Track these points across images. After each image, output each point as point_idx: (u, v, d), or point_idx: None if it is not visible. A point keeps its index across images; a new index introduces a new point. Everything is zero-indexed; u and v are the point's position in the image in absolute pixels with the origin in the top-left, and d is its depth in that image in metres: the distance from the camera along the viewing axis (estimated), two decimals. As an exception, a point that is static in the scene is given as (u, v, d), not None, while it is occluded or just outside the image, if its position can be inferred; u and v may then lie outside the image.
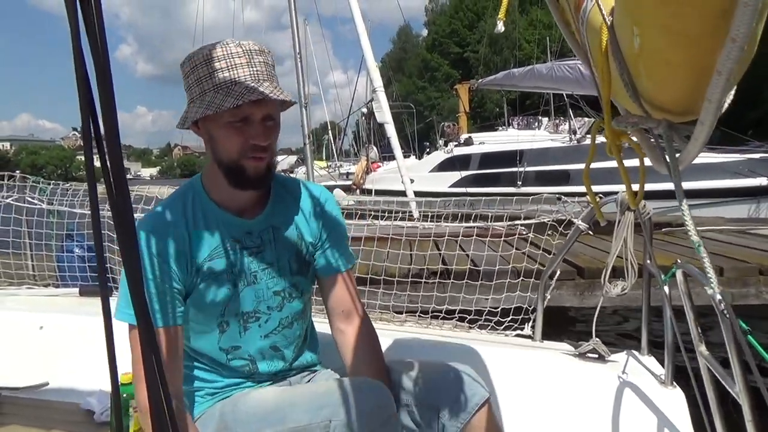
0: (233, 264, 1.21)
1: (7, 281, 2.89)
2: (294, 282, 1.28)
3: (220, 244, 1.20)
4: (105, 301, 0.62)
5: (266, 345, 1.28)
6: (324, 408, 1.11)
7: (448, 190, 11.69)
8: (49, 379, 1.89)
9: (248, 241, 1.23)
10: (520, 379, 1.71)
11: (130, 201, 0.61)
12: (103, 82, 0.57)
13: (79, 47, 0.55)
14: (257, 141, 1.13)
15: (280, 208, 1.29)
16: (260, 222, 1.25)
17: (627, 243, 1.72)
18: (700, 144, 0.64)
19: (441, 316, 2.52)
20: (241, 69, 1.10)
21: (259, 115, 1.12)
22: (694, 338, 1.31)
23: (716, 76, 0.52)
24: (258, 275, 1.24)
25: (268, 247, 1.25)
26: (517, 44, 30.06)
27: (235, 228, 1.22)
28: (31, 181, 3.38)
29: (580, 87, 11.38)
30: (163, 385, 0.63)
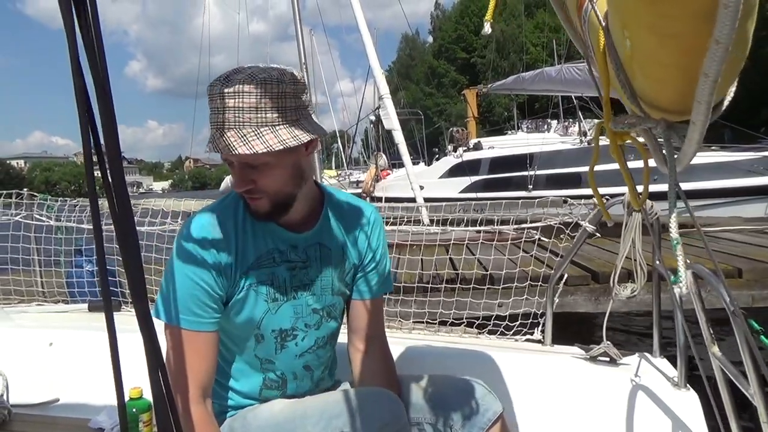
0: (275, 276, 1.17)
1: (18, 298, 2.92)
2: (334, 302, 1.26)
3: (265, 254, 1.16)
4: (109, 316, 0.62)
5: (300, 364, 1.25)
6: (335, 419, 1.10)
7: (458, 196, 11.66)
8: (59, 396, 1.90)
9: (293, 255, 1.19)
10: (531, 384, 1.70)
11: (132, 214, 0.62)
12: (103, 98, 0.57)
13: (77, 62, 0.55)
14: (235, 187, 1.10)
15: (330, 226, 1.24)
16: (308, 238, 1.21)
17: (635, 245, 1.70)
18: (695, 144, 0.63)
19: (450, 322, 2.50)
20: (213, 115, 1.04)
21: (235, 162, 1.08)
22: (706, 339, 1.28)
23: (703, 78, 0.51)
24: (299, 291, 1.20)
25: (314, 264, 1.21)
26: (524, 48, 30.04)
27: (282, 240, 1.18)
28: (38, 199, 3.42)
29: (590, 89, 11.26)
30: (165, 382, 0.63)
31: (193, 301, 1.09)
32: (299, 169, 1.12)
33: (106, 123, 0.57)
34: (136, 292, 0.63)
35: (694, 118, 0.58)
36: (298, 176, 1.12)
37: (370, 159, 17.51)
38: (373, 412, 1.09)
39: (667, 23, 0.52)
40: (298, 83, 1.06)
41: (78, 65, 0.55)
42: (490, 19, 0.85)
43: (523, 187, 11.07)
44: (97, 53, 0.56)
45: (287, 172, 1.10)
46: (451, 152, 14.39)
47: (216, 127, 1.03)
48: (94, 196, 0.62)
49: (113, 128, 0.58)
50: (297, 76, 1.07)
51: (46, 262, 3.17)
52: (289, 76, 1.05)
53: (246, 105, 1.01)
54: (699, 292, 1.40)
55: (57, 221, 3.19)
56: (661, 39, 0.55)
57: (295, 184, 1.12)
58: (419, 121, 22.73)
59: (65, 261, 3.24)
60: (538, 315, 2.10)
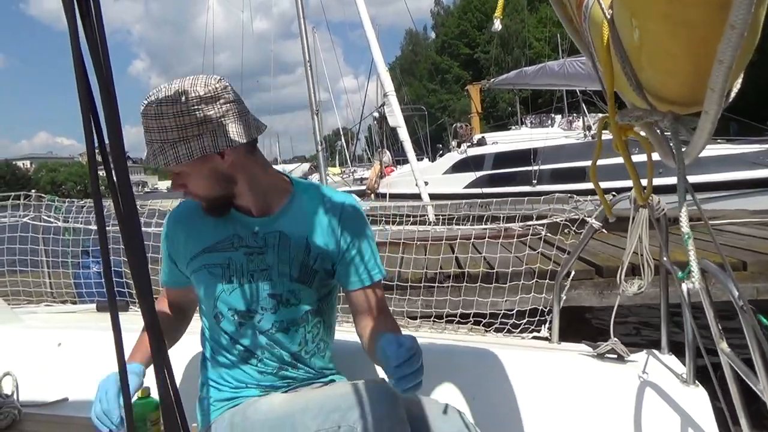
0: (231, 260, 1.27)
1: (26, 299, 2.94)
2: (292, 288, 1.28)
3: (224, 239, 1.28)
4: (114, 316, 0.63)
5: (263, 341, 1.30)
6: (333, 413, 1.11)
7: (462, 191, 11.65)
8: (69, 395, 1.91)
9: (251, 240, 1.28)
10: (538, 382, 1.69)
11: (137, 213, 0.62)
12: (108, 98, 0.57)
13: (81, 61, 0.55)
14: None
15: (293, 215, 1.29)
16: (267, 224, 1.28)
17: (642, 240, 1.69)
18: (706, 134, 0.62)
19: (456, 321, 2.50)
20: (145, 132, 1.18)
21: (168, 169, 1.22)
22: (715, 335, 1.28)
23: (717, 65, 0.50)
24: (255, 275, 1.27)
25: (270, 251, 1.27)
26: (527, 43, 29.92)
27: (242, 225, 1.28)
28: (46, 200, 3.44)
29: (593, 82, 11.23)
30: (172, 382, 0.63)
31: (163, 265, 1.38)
32: (221, 174, 1.21)
33: (110, 123, 0.57)
34: (142, 293, 0.63)
35: (706, 107, 0.57)
36: (223, 180, 1.22)
37: (373, 156, 17.50)
38: (371, 406, 1.10)
39: (681, 10, 0.52)
40: (204, 98, 1.13)
41: (82, 65, 0.55)
42: (500, 15, 0.85)
43: (528, 182, 11.04)
44: (101, 54, 0.56)
45: (208, 179, 1.21)
46: (455, 148, 14.37)
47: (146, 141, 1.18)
48: (98, 196, 0.62)
49: (117, 128, 0.58)
50: (202, 91, 1.13)
51: (54, 263, 3.20)
52: (192, 92, 1.13)
53: (153, 126, 1.14)
54: (707, 288, 1.39)
55: (64, 222, 3.21)
56: (674, 27, 0.55)
57: (222, 187, 1.23)
58: (423, 118, 22.70)
59: (73, 262, 3.26)
60: (545, 312, 2.10)
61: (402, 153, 10.70)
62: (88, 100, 0.57)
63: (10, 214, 3.15)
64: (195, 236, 1.30)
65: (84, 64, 0.55)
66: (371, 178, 13.59)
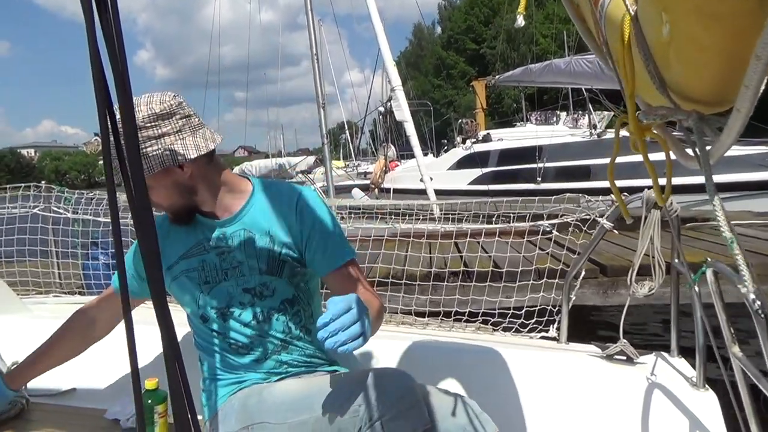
0: (206, 262, 1.34)
1: (35, 289, 2.96)
2: (263, 281, 1.33)
3: (195, 244, 1.34)
4: (126, 307, 0.62)
5: (249, 332, 1.34)
6: (352, 394, 1.12)
7: (467, 188, 11.64)
8: (77, 386, 1.91)
9: (221, 241, 1.34)
10: (546, 383, 1.69)
11: (150, 204, 0.62)
12: (123, 91, 0.57)
13: (97, 54, 0.55)
14: None
15: (254, 212, 1.35)
16: (231, 223, 1.34)
17: (654, 242, 1.69)
18: (735, 134, 0.61)
19: (464, 319, 2.50)
20: None
21: None
22: (727, 339, 1.27)
23: (755, 61, 0.49)
24: (228, 273, 1.33)
25: (239, 248, 1.33)
26: (534, 39, 29.80)
27: (208, 229, 1.34)
28: (56, 191, 3.45)
29: (600, 81, 11.21)
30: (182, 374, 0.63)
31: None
32: (183, 186, 1.28)
33: (125, 113, 0.57)
34: (154, 285, 0.63)
35: (739, 104, 0.56)
36: (185, 191, 1.29)
37: (378, 150, 17.45)
38: (388, 386, 1.11)
39: (716, 3, 0.50)
40: (160, 115, 1.21)
41: (98, 57, 0.55)
42: (523, 11, 0.84)
43: (532, 180, 11.02)
44: (117, 46, 0.56)
45: (170, 191, 1.28)
46: (460, 144, 14.34)
47: None
48: (111, 186, 0.61)
49: (131, 118, 0.59)
50: (158, 108, 1.21)
51: (63, 254, 3.22)
52: (147, 110, 1.20)
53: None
54: (720, 291, 1.38)
55: (74, 214, 3.23)
56: (707, 21, 0.53)
57: (184, 198, 1.30)
58: (428, 113, 22.64)
59: (81, 252, 3.28)
60: (554, 312, 2.09)
61: (406, 148, 10.68)
62: (104, 94, 0.57)
63: (20, 205, 3.18)
64: (169, 247, 1.35)
65: (99, 56, 0.55)
66: (376, 172, 13.55)
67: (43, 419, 1.65)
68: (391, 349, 1.77)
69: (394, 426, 1.07)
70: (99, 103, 0.58)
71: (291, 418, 1.16)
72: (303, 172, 13.77)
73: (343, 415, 1.11)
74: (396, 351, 1.77)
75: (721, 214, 0.66)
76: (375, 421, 1.08)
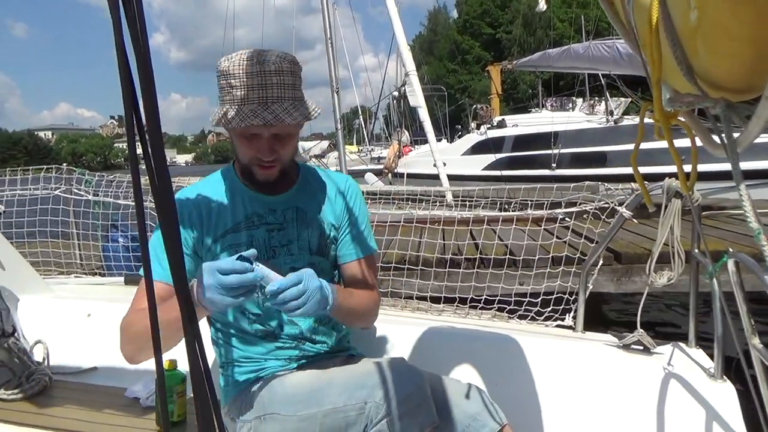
0: (254, 238, 1.29)
1: (57, 270, 3.02)
2: (312, 261, 1.33)
3: (244, 218, 1.30)
4: (150, 290, 0.63)
5: (284, 317, 1.33)
6: (360, 390, 1.13)
7: (481, 173, 11.56)
8: (97, 365, 1.95)
9: (271, 217, 1.31)
10: (562, 371, 1.69)
11: (171, 187, 0.62)
12: (146, 76, 0.57)
13: (122, 41, 0.56)
14: (262, 156, 1.22)
15: (306, 191, 1.37)
16: (285, 200, 1.33)
17: (674, 231, 1.67)
18: (764, 122, 0.59)
19: (480, 306, 2.50)
20: (252, 91, 1.15)
21: (266, 133, 1.20)
22: (747, 330, 1.26)
23: None
24: (277, 251, 1.31)
25: (290, 225, 1.33)
26: (551, 23, 29.37)
27: (259, 204, 1.31)
28: (77, 173, 3.49)
29: (618, 66, 11.06)
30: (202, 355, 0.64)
31: (161, 256, 1.17)
32: (295, 147, 1.30)
33: (147, 98, 0.58)
34: (175, 266, 0.63)
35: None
36: (297, 147, 1.31)
37: (391, 135, 17.40)
38: (397, 384, 1.12)
39: None
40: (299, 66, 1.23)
41: (122, 42, 0.56)
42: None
43: (547, 166, 10.93)
44: (140, 30, 0.56)
45: (296, 143, 1.30)
46: (474, 129, 14.23)
47: (257, 101, 1.15)
48: (136, 170, 0.62)
49: (154, 102, 0.59)
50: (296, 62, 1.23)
51: (84, 236, 3.27)
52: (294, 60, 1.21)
53: (287, 82, 1.17)
54: (741, 282, 1.37)
55: (94, 196, 3.27)
56: (736, 7, 0.52)
57: (295, 154, 1.33)
58: (442, 98, 22.47)
59: (102, 235, 3.33)
60: (570, 300, 2.08)
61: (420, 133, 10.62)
62: (128, 78, 0.58)
63: (42, 186, 3.23)
64: (214, 220, 1.29)
65: (123, 41, 0.56)
66: (389, 157, 13.51)
67: (66, 396, 1.69)
68: (406, 335, 1.77)
69: (401, 425, 1.08)
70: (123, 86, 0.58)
71: (300, 411, 1.17)
72: (316, 156, 13.76)
73: (351, 412, 1.12)
74: (411, 337, 1.78)
75: (748, 204, 0.65)
76: (382, 419, 1.09)
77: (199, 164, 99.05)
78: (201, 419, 0.65)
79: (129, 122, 0.60)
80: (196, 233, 1.28)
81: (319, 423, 1.15)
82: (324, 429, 1.15)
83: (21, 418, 1.53)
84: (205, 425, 0.65)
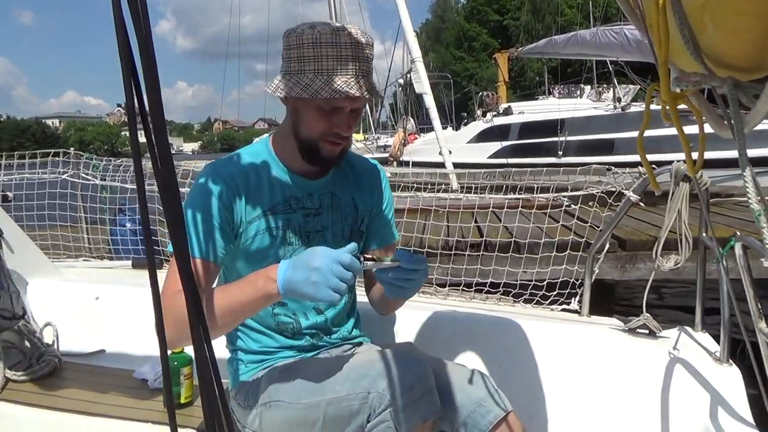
0: (290, 222, 1.26)
1: (65, 253, 3.05)
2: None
3: (282, 201, 1.26)
4: (153, 274, 0.63)
5: (309, 305, 1.32)
6: (363, 379, 1.13)
7: (487, 161, 11.53)
8: (106, 347, 1.98)
9: (308, 202, 1.29)
10: (568, 355, 1.69)
11: (174, 172, 0.62)
12: (148, 62, 0.57)
13: (123, 25, 0.55)
14: (340, 130, 1.19)
15: (341, 177, 1.35)
16: (322, 186, 1.31)
17: (681, 215, 1.66)
18: None
19: (485, 290, 2.50)
20: (346, 62, 1.13)
21: (349, 107, 1.17)
22: (754, 315, 1.25)
23: None
24: (311, 236, 1.28)
25: (326, 211, 1.31)
26: (559, 10, 29.07)
27: (297, 188, 1.28)
28: (84, 158, 3.52)
29: (626, 53, 10.95)
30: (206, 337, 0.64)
31: (200, 231, 1.15)
32: None
33: (150, 84, 0.58)
34: (179, 250, 0.64)
35: None
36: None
37: (397, 123, 17.34)
38: (401, 374, 1.11)
39: None
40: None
41: (123, 25, 0.55)
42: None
43: (554, 153, 10.89)
44: (141, 13, 0.56)
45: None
46: (480, 117, 14.17)
47: (351, 72, 1.13)
48: (137, 157, 0.62)
49: (157, 89, 0.59)
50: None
51: (92, 220, 3.30)
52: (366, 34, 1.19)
53: (371, 56, 1.18)
54: (748, 266, 1.36)
55: (102, 181, 3.30)
56: None
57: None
58: (448, 85, 22.35)
59: (110, 218, 3.36)
60: (576, 285, 2.08)
61: (426, 121, 10.57)
62: (129, 60, 0.58)
63: (50, 171, 3.26)
64: (254, 199, 1.24)
65: (125, 24, 0.56)
66: (394, 145, 13.47)
67: (75, 377, 1.71)
68: (412, 319, 1.78)
69: (404, 415, 1.07)
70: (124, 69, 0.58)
71: (304, 399, 1.17)
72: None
73: (354, 401, 1.12)
74: (416, 321, 1.78)
75: (751, 185, 0.64)
76: (385, 409, 1.08)
77: (206, 152, 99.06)
78: (206, 403, 0.65)
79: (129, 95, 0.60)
80: (239, 207, 1.21)
81: (323, 411, 1.15)
82: (327, 417, 1.15)
83: (31, 398, 1.55)
84: (210, 409, 0.65)
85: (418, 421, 1.09)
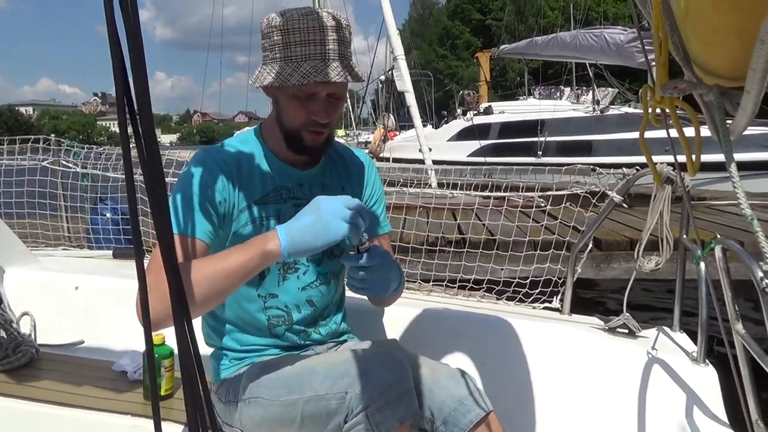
0: (281, 212, 1.25)
1: (44, 242, 2.99)
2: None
3: (272, 190, 1.26)
4: (140, 263, 0.63)
5: (302, 297, 1.32)
6: (342, 379, 1.12)
7: (466, 159, 11.59)
8: (84, 338, 1.94)
9: (298, 191, 1.28)
10: (548, 352, 1.71)
11: (160, 161, 0.63)
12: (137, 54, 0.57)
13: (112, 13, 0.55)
14: (318, 118, 1.17)
15: (331, 167, 1.35)
16: (312, 175, 1.31)
17: (663, 217, 1.69)
18: (749, 113, 0.60)
19: (469, 287, 2.52)
20: (313, 46, 1.11)
21: (323, 92, 1.16)
22: (731, 316, 1.28)
23: (759, 45, 0.48)
24: None
25: None
26: (542, 11, 29.33)
27: (288, 177, 1.28)
28: (65, 145, 3.44)
29: (605, 56, 11.13)
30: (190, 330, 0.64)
31: (187, 209, 1.13)
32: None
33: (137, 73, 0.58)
34: (164, 241, 0.63)
35: (748, 86, 0.55)
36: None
37: (378, 120, 17.34)
38: (379, 374, 1.10)
39: None
40: None
41: (112, 18, 0.55)
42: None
43: (533, 153, 10.99)
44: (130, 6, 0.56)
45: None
46: (460, 115, 14.23)
47: (319, 57, 1.12)
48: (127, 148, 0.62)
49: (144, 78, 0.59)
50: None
51: (71, 208, 3.24)
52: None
53: (347, 39, 1.16)
54: (727, 268, 1.39)
55: (83, 168, 3.23)
56: (717, 1, 0.53)
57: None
58: (429, 83, 22.40)
59: (90, 207, 3.30)
60: (558, 283, 2.10)
61: (406, 118, 10.59)
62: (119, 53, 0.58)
63: (29, 157, 3.18)
64: (246, 187, 1.22)
65: (114, 17, 0.55)
66: (374, 141, 13.48)
67: (53, 368, 1.68)
68: (398, 315, 1.78)
69: (380, 417, 1.07)
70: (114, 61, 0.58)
71: (283, 396, 1.17)
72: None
73: (332, 401, 1.11)
74: (402, 318, 1.79)
75: (741, 191, 0.65)
76: (361, 411, 1.07)
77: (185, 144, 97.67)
78: (189, 398, 0.64)
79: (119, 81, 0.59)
80: (232, 193, 1.20)
81: (300, 409, 1.14)
82: (305, 415, 1.14)
83: (7, 389, 1.52)
84: (193, 403, 0.64)
85: (395, 424, 1.08)
